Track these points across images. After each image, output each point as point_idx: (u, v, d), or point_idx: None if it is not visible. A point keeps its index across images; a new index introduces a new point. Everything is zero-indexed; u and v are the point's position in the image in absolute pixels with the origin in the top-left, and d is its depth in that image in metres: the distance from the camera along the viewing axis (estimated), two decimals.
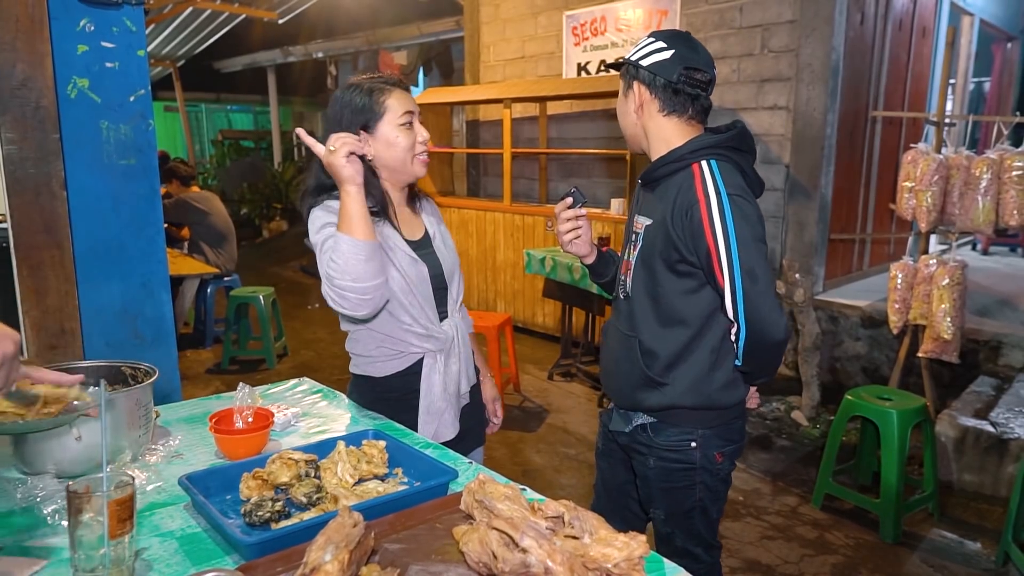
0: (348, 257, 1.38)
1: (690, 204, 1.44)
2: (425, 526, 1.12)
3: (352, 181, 1.38)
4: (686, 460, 1.56)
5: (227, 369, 4.93)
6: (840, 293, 4.69)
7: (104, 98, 2.49)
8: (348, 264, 1.38)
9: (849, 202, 4.92)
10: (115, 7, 2.49)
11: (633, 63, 1.55)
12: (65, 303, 2.47)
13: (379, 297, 1.45)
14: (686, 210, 1.45)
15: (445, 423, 1.64)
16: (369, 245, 1.40)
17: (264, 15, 8.83)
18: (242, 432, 1.38)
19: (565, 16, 5.84)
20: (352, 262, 1.38)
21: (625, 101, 1.59)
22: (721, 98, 4.87)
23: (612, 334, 1.66)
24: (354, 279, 1.39)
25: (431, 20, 8.40)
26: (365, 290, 1.41)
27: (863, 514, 2.91)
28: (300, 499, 1.16)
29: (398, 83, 1.62)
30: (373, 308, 1.46)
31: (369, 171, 1.57)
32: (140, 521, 1.12)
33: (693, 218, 1.44)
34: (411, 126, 1.59)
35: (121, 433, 1.30)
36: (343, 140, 1.38)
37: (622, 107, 1.61)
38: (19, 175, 2.33)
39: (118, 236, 2.57)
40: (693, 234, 1.44)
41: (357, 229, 1.39)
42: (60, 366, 1.49)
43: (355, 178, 1.38)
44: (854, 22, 4.51)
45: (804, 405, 3.91)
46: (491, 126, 6.78)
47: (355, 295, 1.41)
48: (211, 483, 1.19)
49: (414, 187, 1.74)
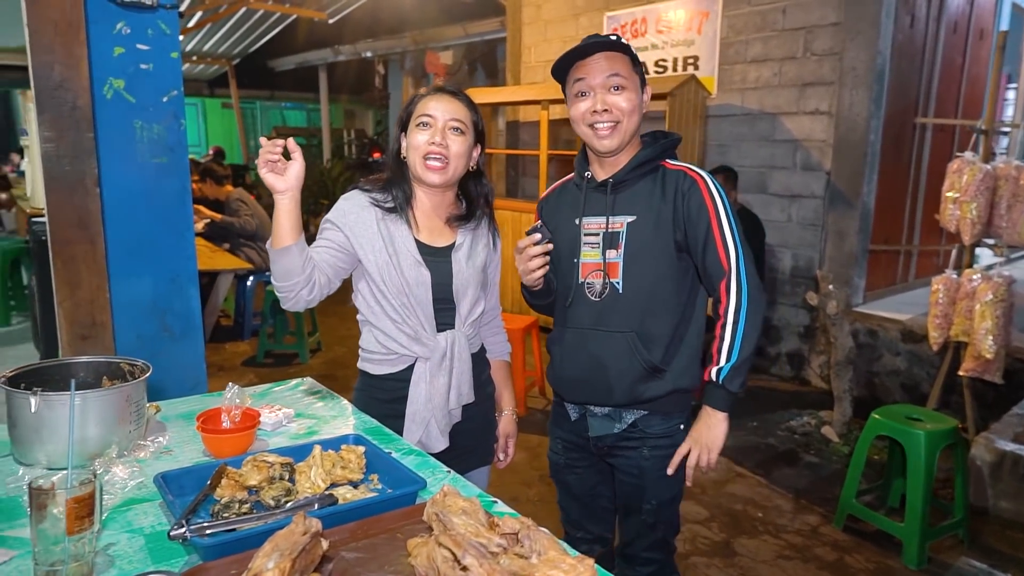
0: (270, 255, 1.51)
1: (689, 186, 1.56)
2: (387, 536, 1.12)
3: (274, 188, 1.43)
4: (677, 444, 1.62)
5: (262, 362, 5.05)
6: (881, 306, 4.53)
7: (138, 98, 2.57)
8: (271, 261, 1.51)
9: (893, 212, 4.75)
10: (150, 10, 2.57)
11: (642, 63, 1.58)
12: (97, 296, 2.56)
13: (296, 297, 1.53)
14: (685, 193, 1.56)
15: (430, 434, 1.64)
16: (277, 251, 1.47)
17: (314, 15, 9.01)
18: (228, 432, 1.41)
19: (606, 17, 5.79)
20: (271, 260, 1.50)
21: (641, 100, 1.58)
22: (761, 102, 4.76)
23: (590, 338, 1.64)
24: (273, 276, 1.53)
25: (476, 21, 8.44)
26: (277, 287, 1.54)
27: (887, 538, 2.80)
28: (268, 502, 1.18)
29: (442, 89, 1.63)
30: (291, 305, 1.56)
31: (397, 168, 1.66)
32: (114, 516, 1.15)
33: (693, 198, 1.55)
34: (427, 127, 1.59)
35: (111, 428, 1.34)
36: (263, 150, 1.43)
37: (638, 100, 1.57)
38: (55, 172, 2.42)
39: (149, 232, 2.66)
40: (696, 211, 1.54)
41: (273, 233, 1.48)
42: (64, 361, 1.56)
43: (275, 186, 1.43)
44: (903, 24, 4.34)
45: (835, 420, 3.78)
46: (530, 127, 6.77)
47: (276, 291, 1.55)
48: (186, 482, 1.21)
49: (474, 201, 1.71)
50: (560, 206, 1.72)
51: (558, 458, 1.81)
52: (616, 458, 1.70)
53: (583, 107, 1.57)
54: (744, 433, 3.87)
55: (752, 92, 4.82)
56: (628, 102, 1.54)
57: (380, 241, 1.59)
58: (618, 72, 1.53)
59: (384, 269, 1.59)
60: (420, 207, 1.66)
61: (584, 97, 1.57)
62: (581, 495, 1.80)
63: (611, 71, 1.53)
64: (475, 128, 1.64)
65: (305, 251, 1.50)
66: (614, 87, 1.54)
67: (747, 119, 4.88)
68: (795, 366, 4.80)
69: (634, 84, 1.56)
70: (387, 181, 1.66)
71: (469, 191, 1.71)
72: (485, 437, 1.81)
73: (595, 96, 1.55)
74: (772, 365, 4.91)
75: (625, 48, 1.55)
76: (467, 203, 1.72)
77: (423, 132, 1.58)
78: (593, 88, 1.55)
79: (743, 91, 4.88)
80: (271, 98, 15.07)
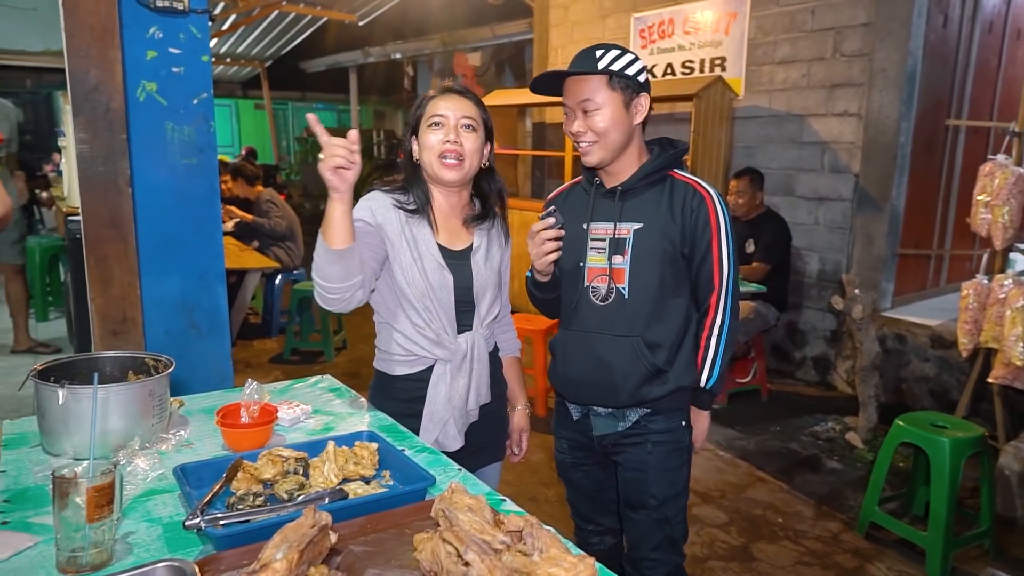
0: (319, 258, 1.45)
1: (697, 203, 1.62)
2: (395, 531, 1.14)
3: (336, 189, 1.38)
4: (679, 440, 1.71)
5: (288, 359, 5.14)
6: (910, 311, 4.45)
7: (170, 101, 2.64)
8: (319, 264, 1.46)
9: (924, 215, 4.66)
10: (182, 15, 2.63)
11: (632, 76, 1.59)
12: (128, 293, 2.63)
13: (349, 298, 1.50)
14: (694, 209, 1.61)
15: (447, 434, 1.66)
16: (336, 252, 1.42)
17: (344, 17, 9.14)
18: (246, 426, 1.45)
19: (633, 18, 5.77)
20: (320, 263, 1.45)
21: (625, 112, 1.60)
22: (789, 104, 4.71)
23: (594, 341, 1.67)
24: (322, 277, 1.46)
25: (504, 22, 8.47)
26: (329, 290, 1.48)
27: (910, 547, 2.76)
28: (282, 495, 1.21)
29: (450, 89, 1.65)
30: (342, 307, 1.52)
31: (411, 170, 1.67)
32: (135, 506, 1.19)
33: (701, 214, 1.61)
34: (439, 127, 1.61)
35: (134, 421, 1.39)
36: (333, 151, 1.36)
37: (617, 116, 1.59)
38: (89, 172, 2.50)
39: (179, 231, 2.72)
40: (702, 228, 1.61)
41: (329, 234, 1.42)
42: (92, 355, 1.61)
43: (339, 187, 1.38)
44: (935, 25, 4.26)
45: (860, 427, 3.73)
46: (556, 128, 6.78)
47: (322, 291, 1.49)
48: (204, 474, 1.25)
49: (488, 199, 1.74)
50: (567, 209, 1.74)
51: (564, 457, 1.85)
52: (619, 455, 1.73)
53: (568, 126, 1.65)
54: (767, 438, 3.84)
55: (780, 93, 4.77)
56: (603, 122, 1.59)
57: (405, 243, 1.61)
58: (587, 96, 1.58)
59: (408, 271, 1.61)
60: (438, 209, 1.68)
61: (568, 117, 1.65)
62: (589, 491, 1.85)
63: (581, 95, 1.59)
64: (485, 125, 1.66)
65: (361, 252, 1.50)
66: (584, 111, 1.59)
67: (774, 121, 4.83)
68: (821, 371, 4.74)
69: (611, 101, 1.58)
70: (404, 184, 1.68)
71: (482, 188, 1.74)
72: (498, 434, 1.83)
73: (574, 117, 1.62)
74: (797, 369, 4.86)
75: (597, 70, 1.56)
76: (481, 201, 1.75)
77: (436, 132, 1.61)
78: (571, 109, 1.62)
79: (771, 92, 4.83)
80: (302, 99, 15.30)
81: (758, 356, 4.39)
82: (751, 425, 3.97)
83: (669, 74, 5.55)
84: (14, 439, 1.46)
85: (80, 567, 1.00)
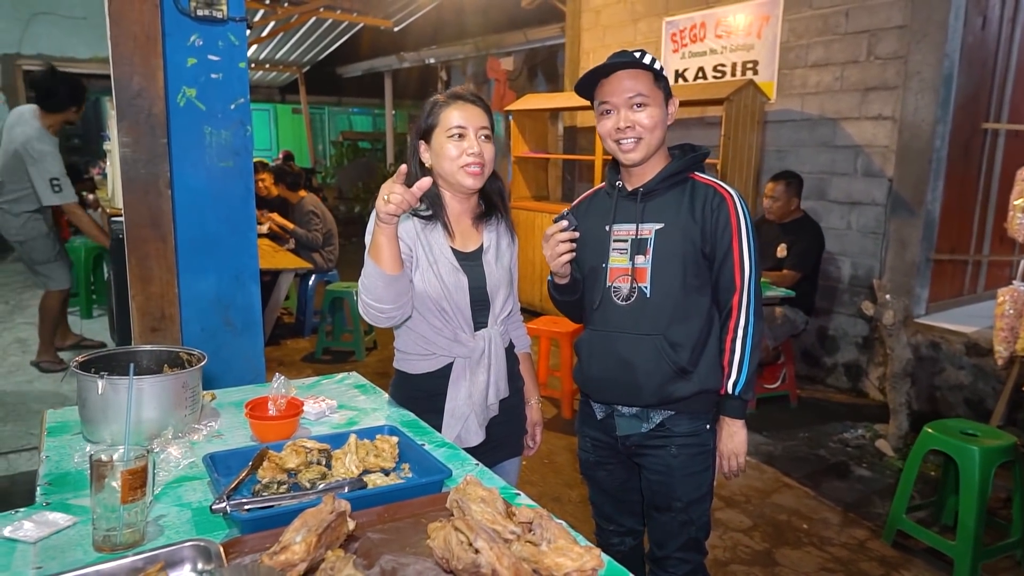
0: (372, 281, 1.52)
1: (718, 204, 1.63)
2: (411, 520, 1.19)
3: (389, 222, 1.45)
4: (704, 443, 1.71)
5: (320, 359, 5.24)
6: (945, 317, 4.36)
7: (208, 106, 2.73)
8: (372, 286, 1.53)
9: (961, 220, 4.57)
10: (221, 23, 2.72)
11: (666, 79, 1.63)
12: (166, 291, 2.72)
13: (398, 316, 1.58)
14: (714, 210, 1.63)
15: (469, 429, 1.71)
16: (390, 276, 1.51)
17: (380, 23, 9.27)
18: (273, 419, 1.51)
19: (664, 22, 5.77)
20: (372, 287, 1.53)
21: (666, 112, 1.65)
22: (822, 107, 4.67)
23: (617, 340, 1.69)
24: (375, 299, 1.54)
25: (537, 27, 8.51)
26: (382, 310, 1.56)
27: (938, 556, 2.71)
28: (305, 484, 1.27)
29: (462, 96, 1.69)
30: (391, 324, 1.61)
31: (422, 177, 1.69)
32: (166, 491, 1.26)
33: (722, 215, 1.63)
34: (461, 138, 1.65)
35: (168, 412, 1.46)
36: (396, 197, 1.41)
37: (662, 115, 1.63)
38: (132, 175, 2.59)
39: (215, 231, 2.81)
40: (723, 229, 1.62)
41: (384, 261, 1.50)
42: (131, 349, 1.69)
43: (392, 220, 1.45)
44: (974, 27, 4.19)
45: (890, 434, 3.68)
46: (587, 132, 6.80)
47: (375, 311, 1.57)
48: (233, 463, 1.31)
49: (493, 201, 1.79)
50: (591, 212, 1.78)
51: (588, 456, 1.87)
52: (643, 457, 1.74)
53: (608, 124, 1.65)
54: (794, 444, 3.80)
55: (812, 97, 4.73)
56: (650, 119, 1.61)
57: (421, 249, 1.67)
58: (639, 91, 1.60)
59: (425, 275, 1.66)
60: (450, 212, 1.73)
61: (608, 115, 1.65)
62: (612, 491, 1.87)
63: (632, 90, 1.60)
64: (493, 131, 1.72)
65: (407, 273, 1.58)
66: (635, 104, 1.61)
67: (807, 124, 4.78)
68: (852, 377, 4.67)
69: (656, 99, 1.62)
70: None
71: (486, 188, 1.78)
72: (517, 429, 1.88)
73: (618, 114, 1.62)
74: (828, 376, 4.80)
75: (647, 65, 1.59)
76: (485, 201, 1.79)
77: (457, 143, 1.65)
78: (616, 106, 1.62)
79: (803, 96, 4.79)
80: (338, 104, 15.52)
81: (787, 361, 4.35)
82: (779, 431, 3.94)
83: (700, 78, 5.54)
84: (57, 427, 1.54)
85: (115, 545, 1.06)
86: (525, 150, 6.72)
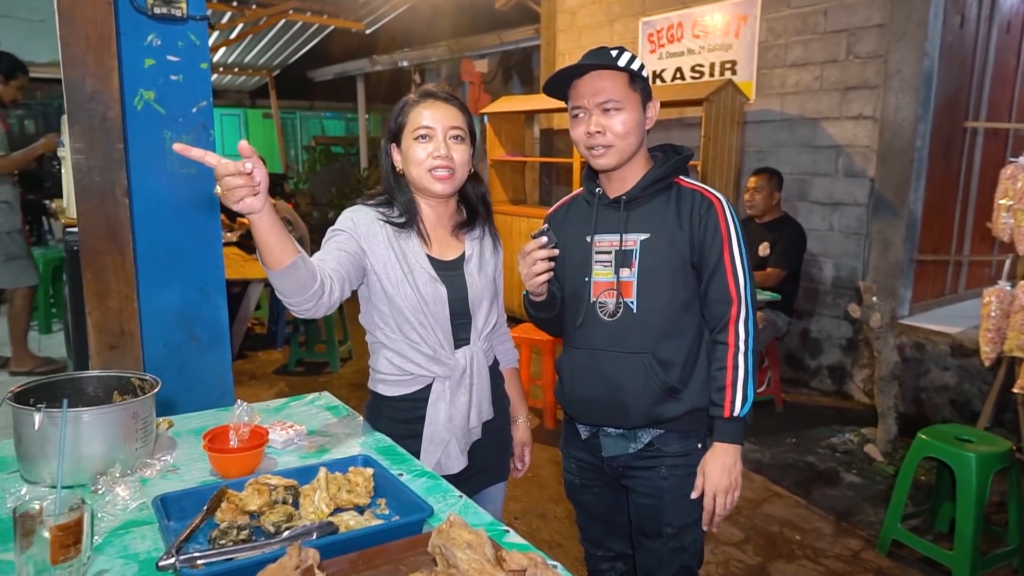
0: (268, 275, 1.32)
1: (706, 209, 1.52)
2: (389, 568, 1.06)
3: (253, 209, 1.19)
4: (695, 464, 1.58)
5: (293, 371, 5.07)
6: (929, 318, 4.33)
7: (168, 109, 2.58)
8: (271, 279, 1.33)
9: (943, 220, 4.55)
10: (181, 22, 2.57)
11: (646, 80, 1.51)
12: (125, 305, 2.56)
13: (315, 306, 1.38)
14: (702, 216, 1.52)
15: (449, 455, 1.57)
16: (280, 271, 1.29)
17: (351, 25, 9.11)
18: (234, 451, 1.37)
19: (641, 23, 5.70)
20: (271, 279, 1.33)
21: (642, 115, 1.53)
22: (802, 107, 4.62)
23: (603, 359, 1.58)
24: (280, 293, 1.35)
25: (511, 29, 8.41)
26: (291, 303, 1.36)
27: (934, 565, 2.64)
28: (269, 528, 1.13)
29: (434, 94, 1.56)
30: (312, 314, 1.40)
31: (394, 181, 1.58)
32: (111, 540, 1.12)
33: (710, 221, 1.52)
34: (427, 140, 1.52)
35: (115, 446, 1.32)
36: (229, 183, 1.14)
37: (637, 119, 1.51)
38: (86, 183, 2.44)
39: (178, 242, 2.66)
40: (712, 236, 1.51)
41: (266, 258, 1.28)
42: (74, 375, 1.54)
43: (254, 205, 1.19)
44: (952, 25, 4.16)
45: (879, 439, 3.62)
46: (564, 135, 6.71)
47: (287, 303, 1.37)
48: (188, 504, 1.17)
49: (475, 208, 1.66)
50: (569, 222, 1.66)
51: (573, 478, 1.75)
52: (631, 479, 1.63)
53: (580, 129, 1.53)
54: (782, 450, 3.73)
55: (792, 97, 4.68)
56: (622, 124, 1.49)
57: (393, 257, 1.53)
58: (610, 95, 1.48)
59: (399, 287, 1.53)
60: (426, 220, 1.60)
61: (579, 119, 1.53)
62: (599, 515, 1.75)
63: (602, 94, 1.48)
64: (470, 132, 1.58)
65: (308, 259, 1.36)
66: (607, 109, 1.49)
67: (787, 124, 4.73)
68: (837, 380, 4.62)
69: (631, 102, 1.50)
70: (387, 196, 1.60)
71: (468, 194, 1.65)
72: (502, 453, 1.75)
73: (589, 118, 1.50)
74: (812, 379, 4.74)
75: (620, 67, 1.47)
76: (467, 207, 1.67)
77: (423, 145, 1.52)
78: (587, 110, 1.50)
79: (783, 96, 4.74)
80: (310, 108, 15.29)
81: (772, 365, 4.28)
82: (766, 436, 3.86)
83: (678, 78, 5.47)
84: None
85: None
86: (501, 153, 6.61)
